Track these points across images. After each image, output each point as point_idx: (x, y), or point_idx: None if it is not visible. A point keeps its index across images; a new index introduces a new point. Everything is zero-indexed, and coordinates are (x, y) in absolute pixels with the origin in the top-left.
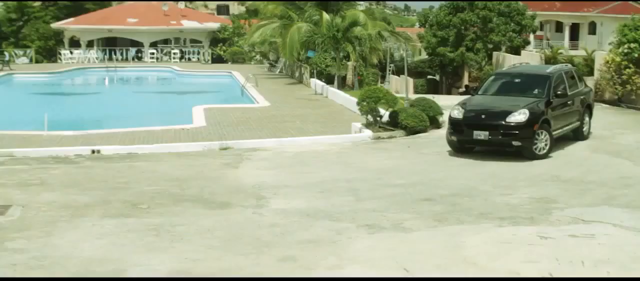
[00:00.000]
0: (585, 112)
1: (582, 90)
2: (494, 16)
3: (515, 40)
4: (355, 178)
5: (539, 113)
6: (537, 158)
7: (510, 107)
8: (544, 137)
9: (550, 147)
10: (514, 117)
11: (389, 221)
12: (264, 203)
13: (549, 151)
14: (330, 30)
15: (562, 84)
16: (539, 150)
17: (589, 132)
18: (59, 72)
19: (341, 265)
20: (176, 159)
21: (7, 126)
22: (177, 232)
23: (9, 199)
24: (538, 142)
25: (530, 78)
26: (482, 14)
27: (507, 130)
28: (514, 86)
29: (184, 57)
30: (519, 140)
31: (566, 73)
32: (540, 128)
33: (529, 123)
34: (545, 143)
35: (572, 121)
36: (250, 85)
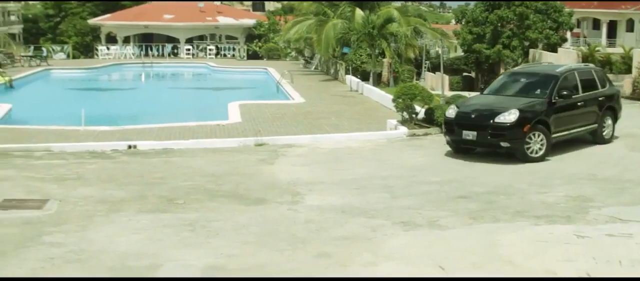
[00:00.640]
0: (605, 114)
1: (603, 91)
2: (530, 13)
3: (552, 38)
4: (390, 175)
5: (531, 114)
6: (531, 161)
7: (502, 107)
8: (539, 139)
9: (546, 149)
10: (503, 118)
11: (424, 218)
12: (299, 200)
13: (546, 154)
14: (365, 27)
15: (572, 85)
16: (533, 152)
17: (611, 135)
18: (96, 67)
19: (376, 262)
20: (211, 155)
21: (44, 121)
22: (213, 228)
23: (46, 193)
24: (531, 143)
25: (537, 78)
26: (518, 10)
27: (495, 131)
28: (519, 86)
29: (220, 54)
30: (507, 141)
31: (581, 73)
32: (534, 130)
33: (519, 124)
34: (540, 146)
35: (586, 123)
36: (285, 81)
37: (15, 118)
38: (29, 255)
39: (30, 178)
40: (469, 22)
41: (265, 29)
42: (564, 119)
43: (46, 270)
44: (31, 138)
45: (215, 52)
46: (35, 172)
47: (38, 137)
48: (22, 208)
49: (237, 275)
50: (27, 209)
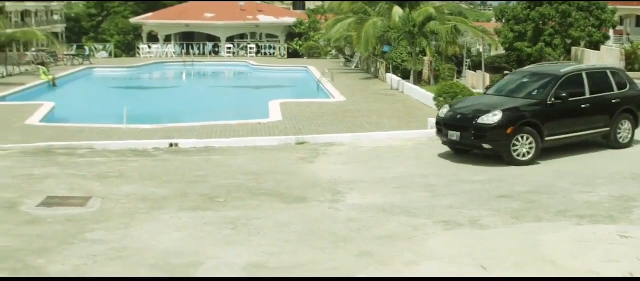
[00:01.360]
0: (621, 117)
1: (618, 94)
2: (573, 11)
3: (594, 36)
4: (431, 173)
5: (517, 116)
6: (519, 164)
7: (488, 108)
8: (527, 142)
9: (536, 153)
10: (485, 119)
11: (466, 218)
12: (340, 198)
13: (535, 158)
14: (406, 25)
15: (576, 86)
16: (521, 155)
17: (631, 140)
18: (138, 66)
19: (418, 261)
20: (253, 153)
21: (87, 119)
22: (254, 226)
23: (89, 191)
24: (519, 146)
25: (538, 78)
26: (561, 8)
27: (478, 132)
28: (520, 86)
29: (260, 52)
30: (489, 143)
31: (591, 74)
32: (522, 132)
33: (502, 126)
34: (529, 149)
35: (595, 126)
36: (326, 80)
37: (59, 116)
38: (72, 251)
39: (73, 176)
40: (511, 20)
41: (305, 28)
42: (564, 122)
43: (89, 267)
44: (74, 136)
45: (255, 50)
46: (78, 170)
47: (81, 135)
48: (65, 206)
49: (278, 273)
50: (70, 206)
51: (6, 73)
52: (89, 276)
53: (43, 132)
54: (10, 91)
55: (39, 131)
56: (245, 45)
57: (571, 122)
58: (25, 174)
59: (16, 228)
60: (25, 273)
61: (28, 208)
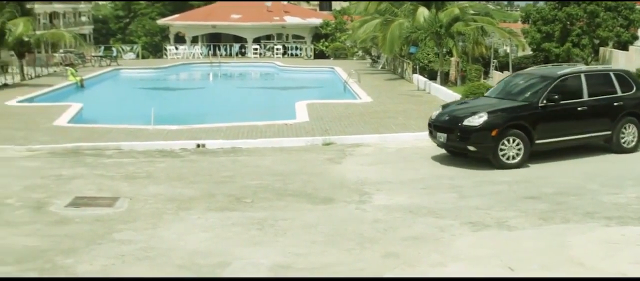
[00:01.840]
0: (625, 120)
1: (622, 96)
2: (601, 11)
3: (623, 36)
4: (457, 175)
5: (502, 119)
6: (507, 167)
7: (476, 110)
8: (515, 145)
9: (524, 156)
10: (470, 121)
11: (493, 219)
12: (367, 199)
13: (524, 161)
14: (433, 25)
15: (573, 89)
16: (508, 158)
17: (635, 144)
18: (165, 67)
19: (444, 262)
20: (279, 154)
21: (115, 120)
22: (281, 226)
23: (116, 191)
24: (506, 149)
25: (533, 80)
26: (589, 8)
27: (463, 134)
28: (517, 88)
29: (287, 53)
30: (473, 146)
31: (590, 76)
32: (509, 135)
33: (486, 128)
34: (517, 152)
35: (595, 130)
36: (352, 80)
37: (86, 117)
38: (100, 251)
39: (101, 176)
40: (538, 20)
41: (332, 28)
42: (558, 125)
43: (116, 267)
44: (102, 137)
45: (282, 51)
46: (106, 170)
47: (108, 136)
48: (93, 206)
49: (305, 274)
50: (98, 207)
51: (34, 75)
52: (117, 276)
53: (71, 133)
54: (39, 92)
55: (67, 132)
56: (272, 46)
57: (566, 125)
58: (53, 174)
59: (45, 228)
60: (53, 273)
61: (57, 208)
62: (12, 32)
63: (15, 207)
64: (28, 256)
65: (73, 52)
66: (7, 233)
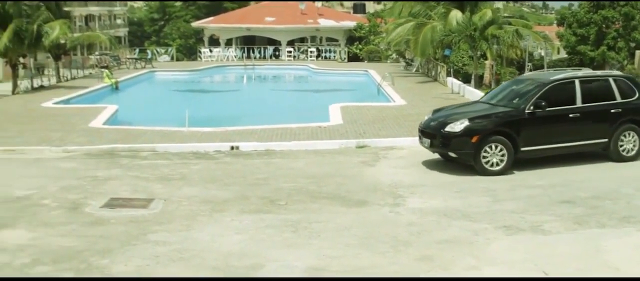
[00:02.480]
0: (622, 127)
1: (621, 103)
2: (637, 13)
3: None
4: (492, 178)
5: (484, 125)
6: (490, 174)
7: (460, 116)
8: (499, 151)
9: (507, 163)
10: (451, 127)
11: (528, 223)
12: (401, 202)
13: (508, 167)
14: (467, 28)
15: (565, 95)
16: (492, 165)
17: (636, 152)
18: (199, 69)
19: (478, 266)
20: (313, 156)
21: (149, 122)
22: (315, 229)
23: (151, 193)
24: (489, 156)
25: (526, 86)
26: (624, 10)
27: (444, 140)
28: (510, 94)
29: (321, 56)
30: (454, 152)
31: (586, 82)
32: (491, 142)
33: (466, 135)
34: (500, 159)
35: (587, 137)
36: (386, 83)
37: (122, 119)
38: (134, 252)
39: (136, 178)
40: (573, 23)
41: (365, 31)
42: (547, 132)
43: (151, 268)
44: (137, 139)
45: (316, 54)
46: (141, 172)
47: (143, 138)
48: (128, 207)
49: (338, 276)
50: (133, 208)
51: (70, 77)
52: (152, 277)
53: (106, 135)
54: (75, 94)
55: (102, 133)
56: (306, 48)
57: (556, 132)
58: (89, 176)
59: (80, 228)
60: (89, 273)
61: (92, 209)
62: (48, 35)
63: (51, 208)
64: (64, 256)
65: (108, 54)
66: (43, 234)
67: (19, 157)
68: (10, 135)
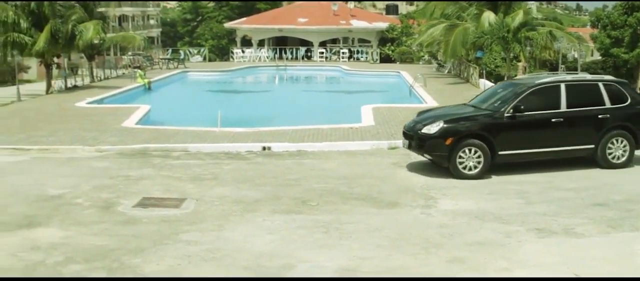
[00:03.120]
0: (610, 134)
1: (608, 108)
2: None
3: None
4: (524, 180)
5: (459, 128)
6: (466, 178)
7: (438, 118)
8: (475, 155)
9: (483, 167)
10: (427, 129)
11: (560, 225)
12: (433, 204)
13: (484, 171)
14: (500, 30)
15: (549, 99)
16: (467, 168)
17: (628, 160)
18: (231, 70)
19: (510, 268)
20: (345, 157)
21: (182, 122)
22: (346, 230)
23: (183, 192)
24: (465, 159)
25: (510, 89)
26: None
27: (420, 142)
28: (494, 97)
29: (353, 57)
30: (428, 154)
31: (572, 86)
32: (467, 145)
33: (440, 137)
34: (477, 162)
35: (572, 143)
36: (418, 84)
37: (154, 119)
38: (166, 252)
39: (168, 178)
40: (607, 25)
41: (398, 33)
42: (526, 136)
43: (183, 268)
44: (169, 139)
45: (348, 55)
46: (173, 172)
47: (175, 138)
48: (160, 207)
49: (370, 276)
50: (165, 207)
51: (103, 77)
52: (184, 277)
53: (139, 134)
54: (108, 94)
55: (135, 133)
56: (338, 49)
57: (537, 137)
58: (121, 175)
59: (113, 227)
60: (121, 272)
61: (124, 208)
62: (82, 35)
63: (84, 207)
64: (96, 255)
65: (141, 54)
66: (76, 232)
67: (52, 156)
68: (44, 134)
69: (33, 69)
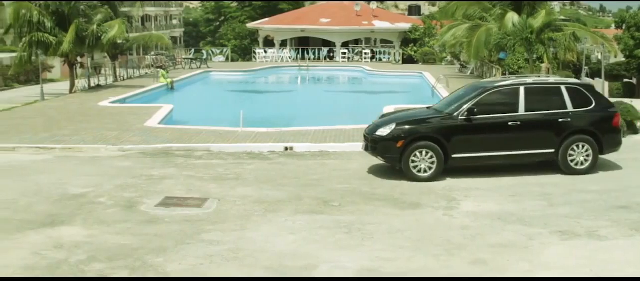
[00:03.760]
0: (572, 138)
1: (570, 112)
2: None
3: None
4: (547, 182)
5: (410, 130)
6: (419, 180)
7: (391, 121)
8: (428, 158)
9: (437, 170)
10: (380, 131)
11: (583, 228)
12: (455, 205)
13: (437, 174)
14: (523, 32)
15: (507, 102)
16: (420, 171)
17: (591, 166)
18: (254, 70)
19: (533, 270)
20: (367, 158)
21: (204, 122)
22: (368, 231)
23: (205, 192)
24: (418, 161)
25: (469, 92)
26: None
27: (373, 144)
28: (457, 99)
29: (375, 57)
30: (381, 156)
31: (533, 90)
32: (419, 148)
33: (392, 139)
34: (430, 165)
35: (531, 147)
36: (441, 85)
37: (177, 118)
38: (188, 251)
39: (190, 177)
40: (632, 26)
41: (420, 33)
42: (481, 140)
43: (205, 267)
44: (192, 139)
45: (370, 55)
46: (195, 171)
47: (198, 137)
48: (182, 206)
49: (392, 276)
50: (187, 207)
51: (127, 76)
52: (206, 277)
53: (162, 134)
54: (131, 93)
55: (158, 133)
56: (360, 50)
57: (493, 140)
58: (144, 174)
59: (136, 227)
60: (143, 271)
61: (147, 207)
62: (106, 35)
63: (107, 206)
64: (119, 254)
65: (164, 54)
66: (99, 231)
67: (76, 155)
68: (67, 133)
69: (57, 68)
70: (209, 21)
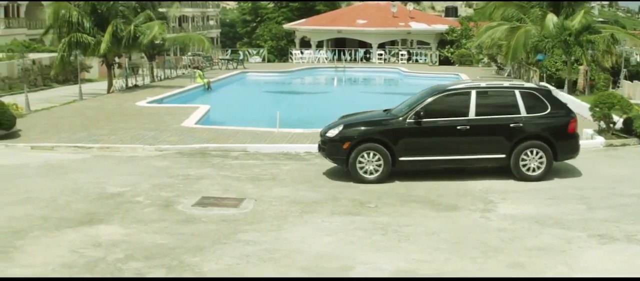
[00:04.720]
0: (524, 144)
1: (523, 118)
2: None
3: None
4: (585, 185)
5: (356, 132)
6: (366, 182)
7: (342, 122)
8: (375, 159)
9: (384, 172)
10: (331, 132)
11: (622, 232)
12: (492, 208)
13: (384, 177)
14: (561, 33)
15: (458, 105)
16: (367, 172)
17: (544, 172)
18: (290, 71)
19: (571, 274)
20: None
21: (241, 122)
22: (404, 232)
23: (242, 192)
24: (365, 163)
25: (422, 94)
26: None
27: (323, 145)
28: (413, 101)
29: (411, 59)
30: (329, 157)
31: (483, 93)
32: (365, 149)
33: (339, 140)
34: (377, 167)
35: (481, 151)
36: None
37: (213, 119)
38: (225, 251)
39: (227, 177)
40: None
41: (457, 35)
42: (429, 143)
43: (241, 267)
44: (228, 139)
45: (406, 57)
46: (232, 171)
47: (234, 138)
48: (219, 206)
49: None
50: (224, 207)
51: (164, 77)
52: (243, 277)
53: (198, 134)
54: (168, 94)
55: (194, 133)
56: (397, 51)
57: (441, 144)
58: (181, 174)
59: (173, 226)
60: (180, 271)
61: (184, 207)
62: (145, 35)
63: (144, 205)
64: (156, 253)
65: (201, 55)
66: (136, 230)
67: (113, 154)
68: (105, 133)
69: (95, 68)
70: (246, 22)
